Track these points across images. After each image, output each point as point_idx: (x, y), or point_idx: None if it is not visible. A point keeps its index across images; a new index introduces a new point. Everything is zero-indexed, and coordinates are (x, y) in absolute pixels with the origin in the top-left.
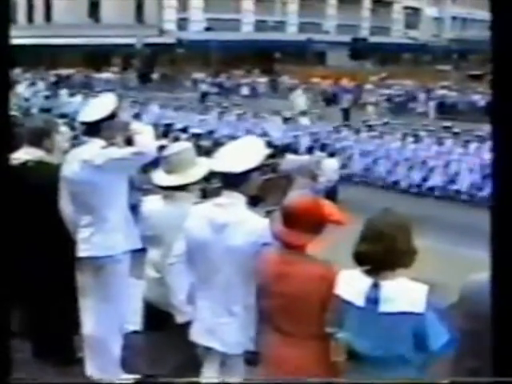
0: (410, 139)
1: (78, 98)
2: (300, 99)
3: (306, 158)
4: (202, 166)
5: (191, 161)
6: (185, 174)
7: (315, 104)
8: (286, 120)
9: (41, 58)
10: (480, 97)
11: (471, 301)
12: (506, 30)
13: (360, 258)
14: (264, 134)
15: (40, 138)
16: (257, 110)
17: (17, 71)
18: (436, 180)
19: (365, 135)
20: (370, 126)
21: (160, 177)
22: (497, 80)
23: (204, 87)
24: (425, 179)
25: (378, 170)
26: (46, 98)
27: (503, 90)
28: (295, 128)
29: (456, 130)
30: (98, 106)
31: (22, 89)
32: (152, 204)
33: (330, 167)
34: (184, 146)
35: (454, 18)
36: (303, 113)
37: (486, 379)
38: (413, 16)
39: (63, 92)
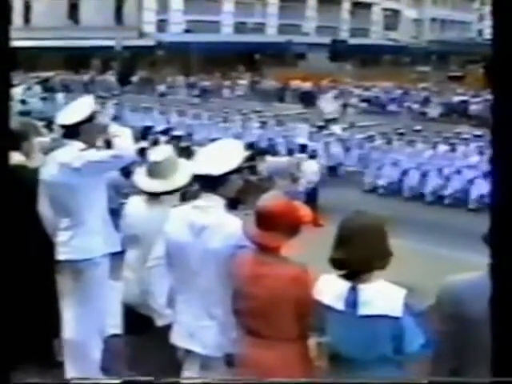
0: (445, 147)
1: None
2: (330, 105)
3: (285, 159)
4: (185, 171)
5: (175, 166)
6: (170, 179)
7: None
8: (319, 128)
9: (20, 60)
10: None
11: (448, 302)
12: (507, 32)
13: (335, 264)
14: (289, 143)
15: (18, 141)
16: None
17: None
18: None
19: (396, 144)
20: (401, 133)
21: (144, 181)
22: (497, 82)
23: (162, 88)
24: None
25: (409, 180)
26: (43, 99)
27: (504, 93)
28: (325, 136)
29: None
30: (76, 109)
31: (18, 92)
32: (134, 205)
33: (311, 169)
34: (168, 151)
35: (433, 20)
36: (334, 120)
37: (485, 379)
38: (392, 18)
39: (60, 96)
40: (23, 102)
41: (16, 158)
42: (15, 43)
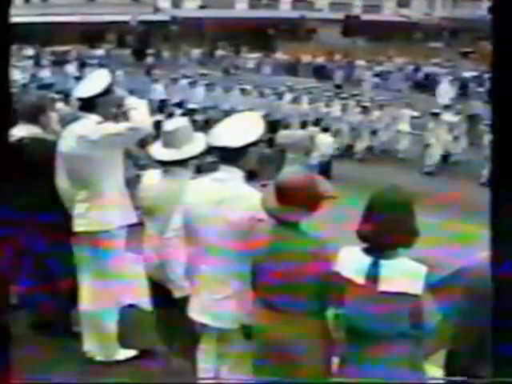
0: None
1: None
2: (445, 91)
3: (300, 132)
4: (199, 143)
5: (189, 136)
6: (183, 149)
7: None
8: (432, 115)
9: (37, 34)
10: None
11: (472, 279)
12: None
13: (361, 236)
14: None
15: (36, 114)
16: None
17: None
18: None
19: None
20: None
21: (158, 151)
22: (498, 61)
23: (150, 60)
24: None
25: None
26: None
27: (504, 71)
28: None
29: None
30: (93, 82)
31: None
32: (150, 178)
33: (325, 142)
34: (182, 121)
35: None
36: (446, 107)
37: (485, 380)
38: None
39: (72, 69)
40: (34, 76)
41: (33, 130)
42: (33, 19)
